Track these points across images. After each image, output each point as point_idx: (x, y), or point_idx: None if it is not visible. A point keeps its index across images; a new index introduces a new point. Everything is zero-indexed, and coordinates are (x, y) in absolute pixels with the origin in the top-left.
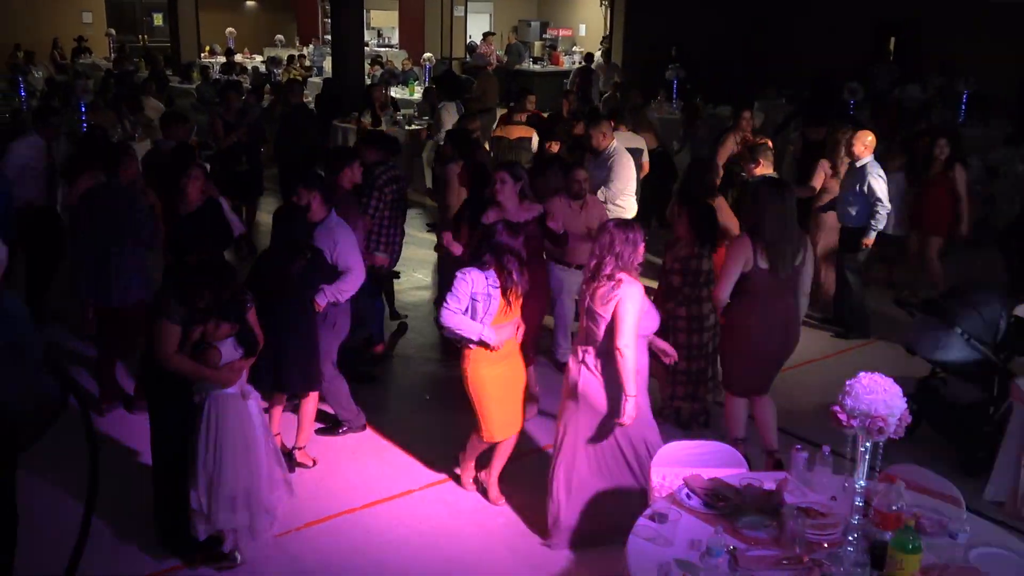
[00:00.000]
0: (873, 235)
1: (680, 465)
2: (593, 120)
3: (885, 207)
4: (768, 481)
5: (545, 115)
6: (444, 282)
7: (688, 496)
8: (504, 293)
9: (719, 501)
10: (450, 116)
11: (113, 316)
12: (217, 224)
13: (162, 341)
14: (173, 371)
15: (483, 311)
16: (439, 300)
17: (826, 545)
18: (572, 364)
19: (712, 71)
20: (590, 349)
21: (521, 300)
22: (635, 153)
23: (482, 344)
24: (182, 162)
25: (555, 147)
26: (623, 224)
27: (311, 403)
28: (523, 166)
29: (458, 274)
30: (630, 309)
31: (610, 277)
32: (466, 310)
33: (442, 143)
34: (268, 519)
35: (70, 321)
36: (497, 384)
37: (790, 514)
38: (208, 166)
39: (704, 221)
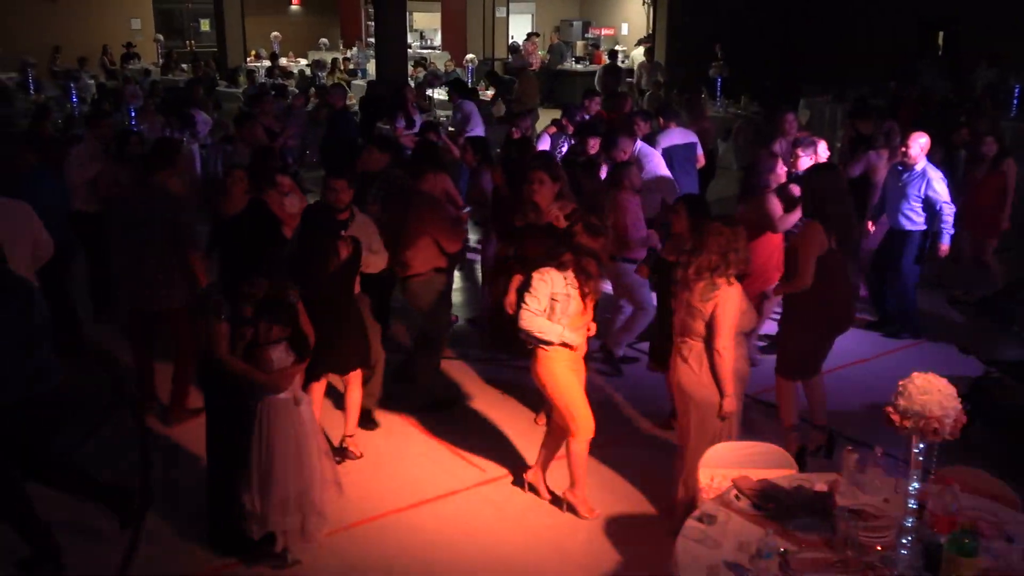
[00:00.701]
0: (948, 242)
1: (728, 466)
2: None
3: (952, 208)
4: (819, 482)
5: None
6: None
7: (737, 497)
8: (582, 294)
9: (769, 503)
10: (468, 113)
11: (149, 319)
12: (263, 224)
13: (213, 340)
14: (226, 372)
15: (561, 312)
16: (497, 304)
17: (879, 548)
18: (673, 355)
19: (756, 69)
20: (687, 340)
21: (594, 300)
22: (689, 148)
23: (564, 345)
24: (263, 163)
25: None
26: (733, 224)
27: (356, 391)
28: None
29: (535, 275)
30: (730, 311)
31: (717, 275)
32: (543, 311)
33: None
34: (319, 520)
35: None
36: (577, 383)
37: (842, 516)
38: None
39: (702, 218)
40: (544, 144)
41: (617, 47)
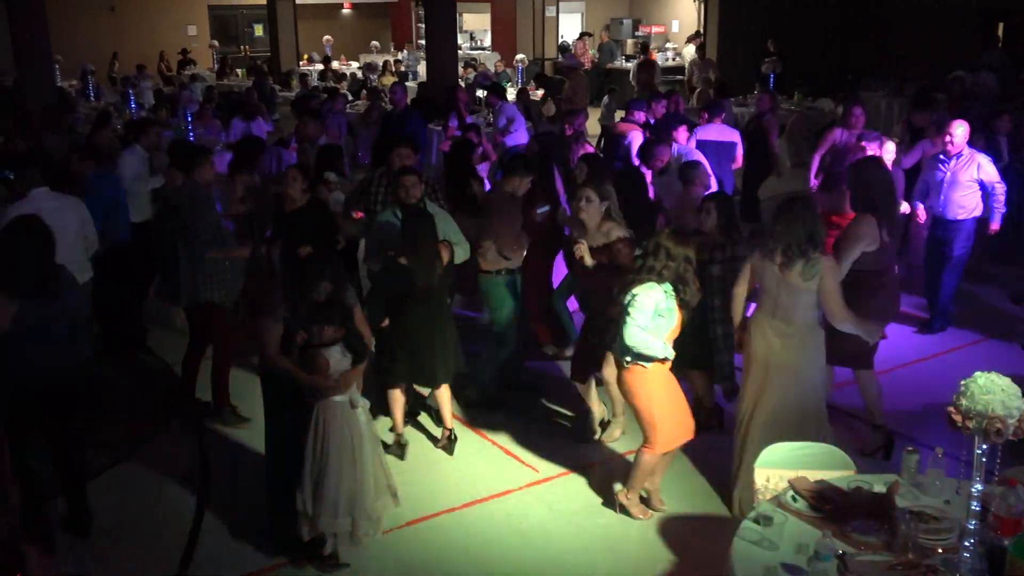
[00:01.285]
0: (1000, 221)
1: (784, 467)
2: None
3: (1004, 187)
4: (877, 484)
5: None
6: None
7: (794, 499)
8: (680, 304)
9: (826, 504)
10: (512, 116)
11: (192, 316)
12: (322, 222)
13: (264, 340)
14: (276, 371)
15: (664, 327)
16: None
17: (940, 551)
18: (756, 337)
19: (810, 64)
20: (778, 324)
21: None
22: (728, 147)
23: (663, 360)
24: (328, 161)
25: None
26: (811, 204)
27: (447, 391)
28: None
29: (641, 290)
30: (837, 280)
31: (814, 250)
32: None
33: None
34: (371, 525)
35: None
36: (670, 395)
37: (902, 518)
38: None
39: (731, 215)
40: (636, 141)
41: (668, 44)
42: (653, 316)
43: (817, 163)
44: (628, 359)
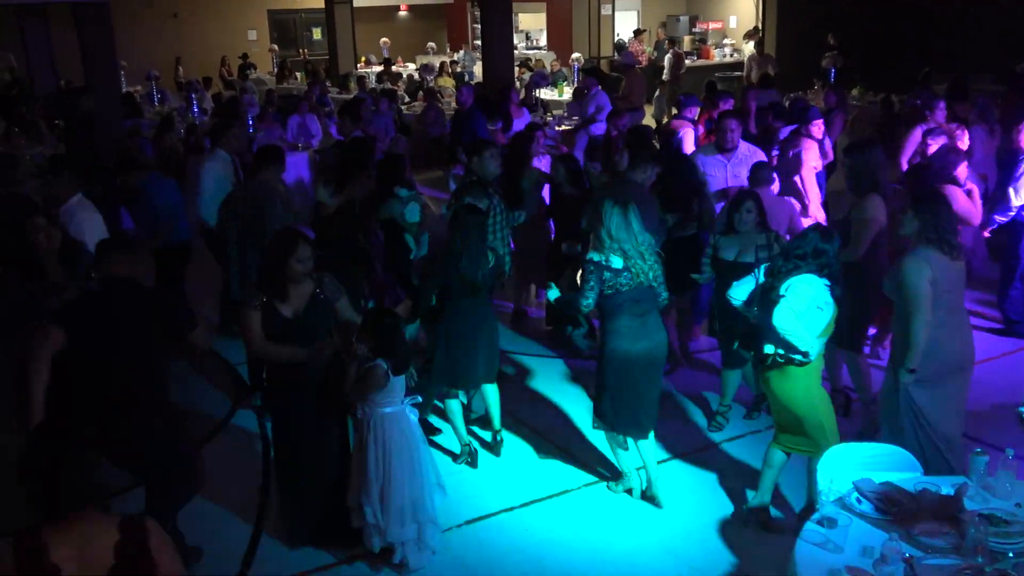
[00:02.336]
0: None
1: (848, 468)
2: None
3: None
4: (945, 485)
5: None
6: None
7: (859, 500)
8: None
9: (892, 506)
10: (602, 105)
11: None
12: (388, 227)
13: (243, 330)
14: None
15: (821, 322)
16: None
17: (1011, 555)
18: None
19: (871, 58)
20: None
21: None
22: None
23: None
24: (392, 173)
25: None
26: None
27: (495, 388)
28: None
29: (798, 282)
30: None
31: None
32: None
33: None
34: (434, 529)
35: None
36: (827, 397)
37: (971, 521)
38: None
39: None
40: (688, 138)
41: (725, 40)
42: (811, 309)
43: (906, 165)
44: (778, 353)
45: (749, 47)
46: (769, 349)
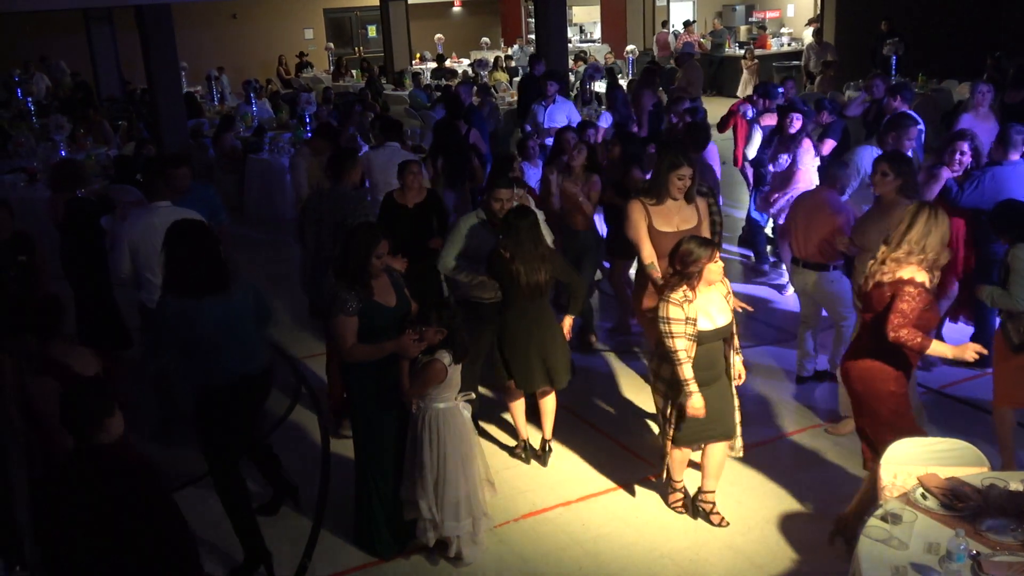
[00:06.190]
0: None
1: (913, 463)
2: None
3: None
4: (1013, 481)
5: None
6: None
7: (924, 496)
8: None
9: (958, 502)
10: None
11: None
12: (440, 218)
13: (340, 335)
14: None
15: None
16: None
17: None
18: None
19: (934, 46)
20: None
21: None
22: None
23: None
24: (502, 169)
25: None
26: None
27: (552, 396)
28: None
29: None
30: None
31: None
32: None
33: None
34: (487, 522)
35: None
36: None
37: None
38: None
39: None
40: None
41: (783, 30)
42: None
43: None
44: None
45: (809, 35)
46: None
